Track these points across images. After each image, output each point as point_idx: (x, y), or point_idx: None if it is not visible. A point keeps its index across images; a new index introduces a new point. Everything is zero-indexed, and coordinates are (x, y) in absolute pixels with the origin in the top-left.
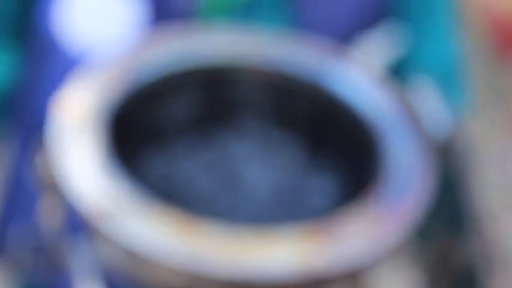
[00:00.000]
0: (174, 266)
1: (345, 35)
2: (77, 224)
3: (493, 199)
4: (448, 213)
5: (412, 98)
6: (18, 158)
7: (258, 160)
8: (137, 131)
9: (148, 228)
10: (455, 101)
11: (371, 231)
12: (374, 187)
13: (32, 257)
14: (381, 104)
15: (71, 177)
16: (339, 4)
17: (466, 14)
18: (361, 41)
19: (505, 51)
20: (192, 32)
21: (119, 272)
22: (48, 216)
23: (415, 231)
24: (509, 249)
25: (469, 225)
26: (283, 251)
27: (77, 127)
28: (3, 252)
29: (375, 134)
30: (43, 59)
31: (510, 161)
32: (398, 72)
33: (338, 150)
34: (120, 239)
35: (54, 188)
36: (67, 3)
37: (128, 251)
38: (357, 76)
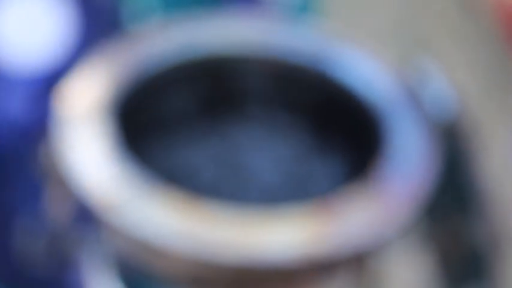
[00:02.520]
0: (184, 253)
1: None
2: (85, 215)
3: (500, 180)
4: (455, 195)
5: (415, 79)
6: None
7: (263, 146)
8: (143, 121)
9: (156, 217)
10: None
11: (377, 212)
12: (379, 169)
13: (41, 250)
14: (384, 87)
15: (78, 168)
16: None
17: (475, 1)
18: None
19: None
20: (193, 21)
21: (129, 261)
22: (55, 209)
23: (421, 213)
24: None
25: (476, 207)
26: (289, 234)
27: (83, 118)
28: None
29: (378, 117)
30: None
31: None
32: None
33: (342, 135)
34: (128, 229)
35: (60, 180)
36: None
37: (136, 240)
38: (359, 60)
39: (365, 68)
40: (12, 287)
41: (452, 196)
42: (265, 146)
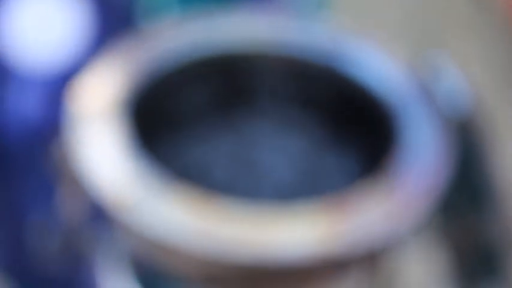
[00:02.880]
0: (197, 251)
1: None
2: (99, 214)
3: None
4: (469, 191)
5: (429, 74)
6: None
7: (277, 143)
8: (157, 119)
9: (170, 215)
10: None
11: (391, 209)
12: (393, 165)
13: (54, 249)
14: (397, 82)
15: (91, 167)
16: None
17: None
18: None
19: None
20: (207, 19)
21: (143, 260)
22: (68, 208)
23: (435, 209)
24: None
25: (490, 203)
26: (302, 231)
27: (97, 116)
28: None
29: (392, 112)
30: None
31: None
32: None
33: (356, 131)
34: (142, 227)
35: (74, 179)
36: (8, 21)
37: (150, 239)
38: (372, 55)
39: (378, 63)
40: (26, 286)
41: (466, 192)
42: (279, 143)
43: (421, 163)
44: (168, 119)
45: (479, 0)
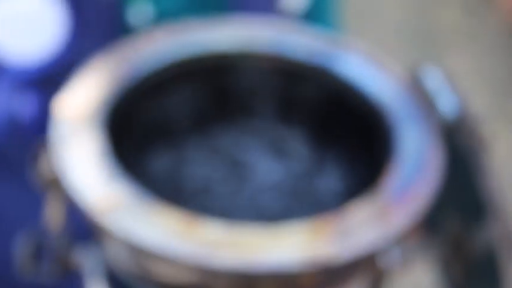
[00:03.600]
0: (181, 261)
1: None
2: (82, 223)
3: (507, 183)
4: (463, 199)
5: (421, 81)
6: None
7: (267, 151)
8: (140, 125)
9: (152, 224)
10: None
11: (381, 220)
12: (384, 175)
13: (38, 258)
14: (390, 88)
15: (74, 176)
16: None
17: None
18: None
19: None
20: (191, 24)
21: (126, 269)
22: (53, 217)
23: (427, 218)
24: None
25: (485, 211)
26: (292, 242)
27: (78, 124)
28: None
29: (385, 119)
30: None
31: None
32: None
33: (348, 138)
34: (124, 236)
35: (57, 188)
36: None
37: (133, 248)
38: (364, 61)
39: (371, 69)
40: None
41: (459, 201)
42: (269, 150)
43: (414, 172)
44: (156, 125)
45: (478, 9)
